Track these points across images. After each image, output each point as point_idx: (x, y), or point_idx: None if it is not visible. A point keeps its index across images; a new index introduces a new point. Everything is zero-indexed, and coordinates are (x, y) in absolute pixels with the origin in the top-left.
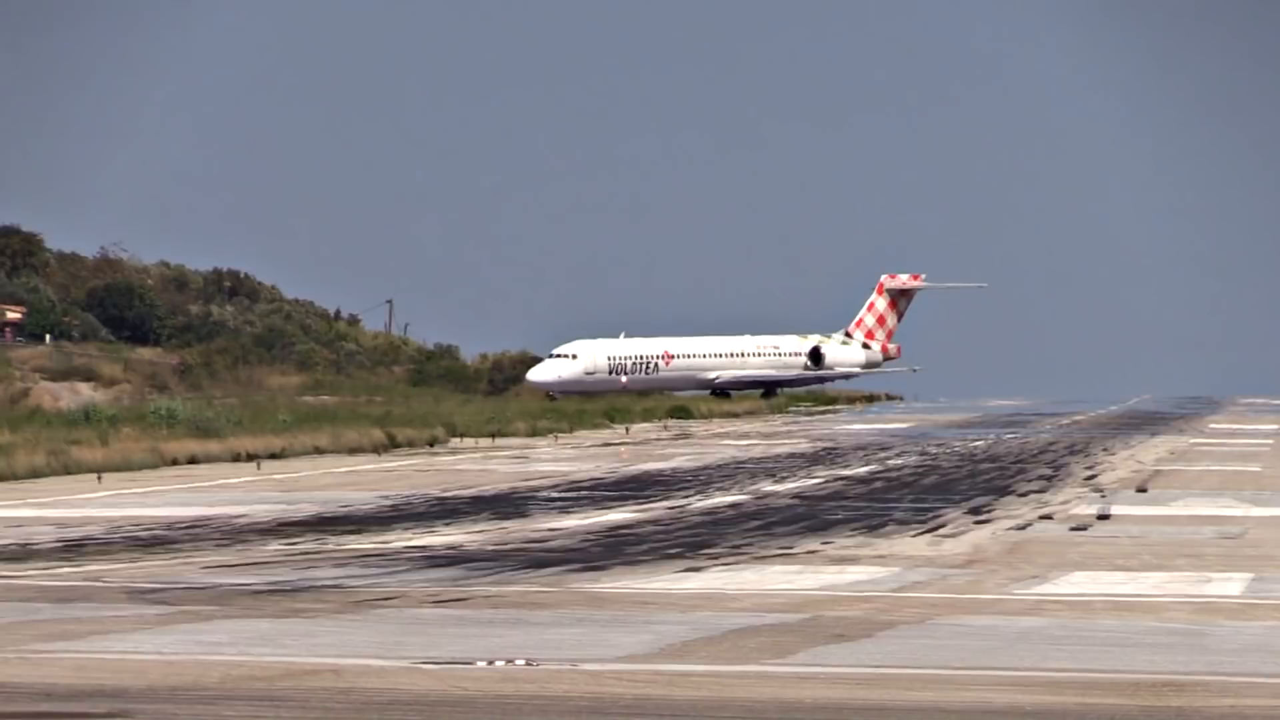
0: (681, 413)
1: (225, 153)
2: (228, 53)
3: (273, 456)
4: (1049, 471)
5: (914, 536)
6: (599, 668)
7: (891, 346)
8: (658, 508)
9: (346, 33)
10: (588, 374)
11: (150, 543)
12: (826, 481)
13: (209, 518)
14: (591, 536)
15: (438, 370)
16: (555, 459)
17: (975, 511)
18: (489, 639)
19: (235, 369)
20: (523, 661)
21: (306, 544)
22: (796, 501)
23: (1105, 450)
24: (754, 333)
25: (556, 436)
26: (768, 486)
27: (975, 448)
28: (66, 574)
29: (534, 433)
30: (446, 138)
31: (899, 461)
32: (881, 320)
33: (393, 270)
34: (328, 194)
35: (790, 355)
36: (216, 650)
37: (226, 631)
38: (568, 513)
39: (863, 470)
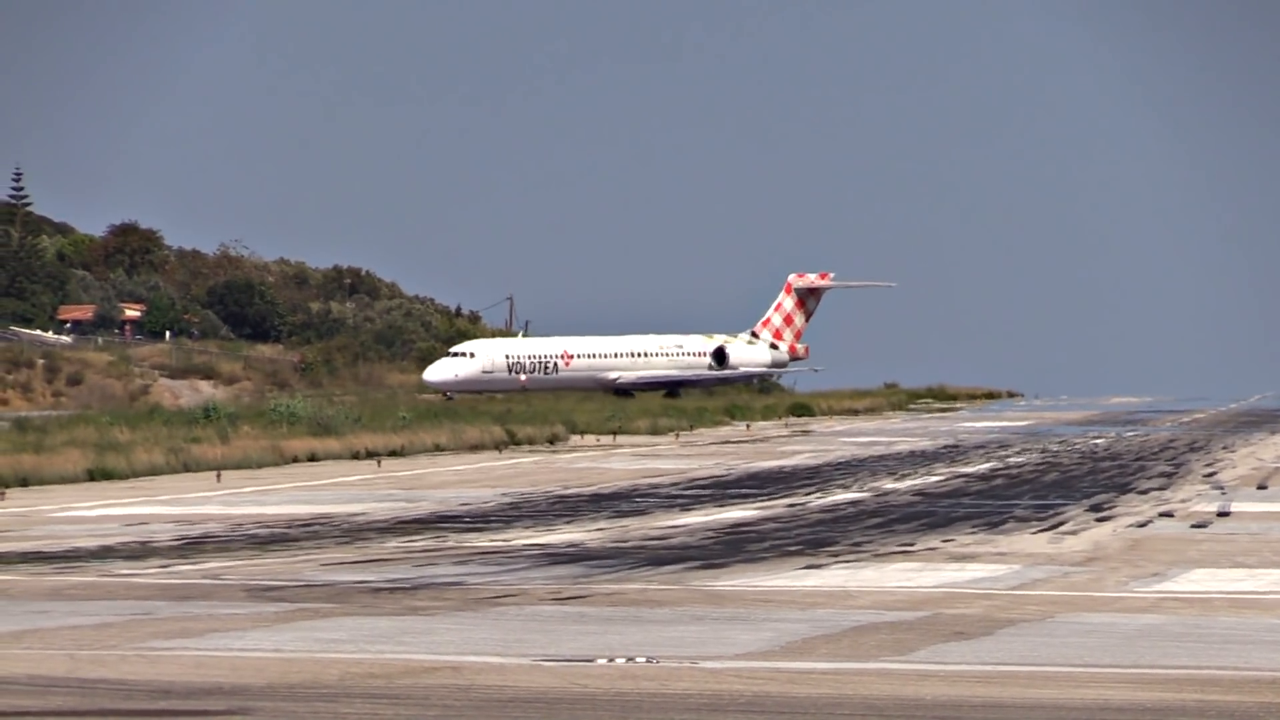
0: (801, 410)
1: (346, 150)
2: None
3: (392, 454)
4: (1169, 469)
5: (1034, 534)
6: (718, 665)
7: (799, 346)
8: (778, 505)
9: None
10: (485, 373)
11: (269, 540)
12: (947, 479)
13: (328, 515)
14: (711, 534)
15: None
16: (675, 456)
17: (1096, 509)
18: (609, 636)
19: (355, 366)
20: (643, 659)
21: (426, 541)
22: (917, 499)
23: (1225, 448)
24: (660, 333)
25: (677, 434)
26: (888, 484)
27: (1096, 445)
28: (185, 571)
29: (655, 430)
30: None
31: (1019, 459)
32: (789, 320)
33: (514, 266)
34: (449, 191)
35: (695, 355)
36: (335, 648)
37: (345, 629)
38: (688, 510)
39: (983, 468)
